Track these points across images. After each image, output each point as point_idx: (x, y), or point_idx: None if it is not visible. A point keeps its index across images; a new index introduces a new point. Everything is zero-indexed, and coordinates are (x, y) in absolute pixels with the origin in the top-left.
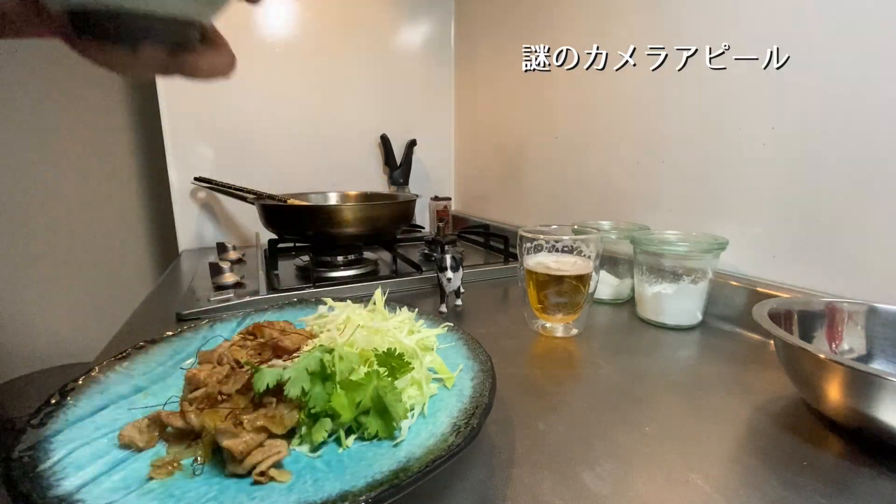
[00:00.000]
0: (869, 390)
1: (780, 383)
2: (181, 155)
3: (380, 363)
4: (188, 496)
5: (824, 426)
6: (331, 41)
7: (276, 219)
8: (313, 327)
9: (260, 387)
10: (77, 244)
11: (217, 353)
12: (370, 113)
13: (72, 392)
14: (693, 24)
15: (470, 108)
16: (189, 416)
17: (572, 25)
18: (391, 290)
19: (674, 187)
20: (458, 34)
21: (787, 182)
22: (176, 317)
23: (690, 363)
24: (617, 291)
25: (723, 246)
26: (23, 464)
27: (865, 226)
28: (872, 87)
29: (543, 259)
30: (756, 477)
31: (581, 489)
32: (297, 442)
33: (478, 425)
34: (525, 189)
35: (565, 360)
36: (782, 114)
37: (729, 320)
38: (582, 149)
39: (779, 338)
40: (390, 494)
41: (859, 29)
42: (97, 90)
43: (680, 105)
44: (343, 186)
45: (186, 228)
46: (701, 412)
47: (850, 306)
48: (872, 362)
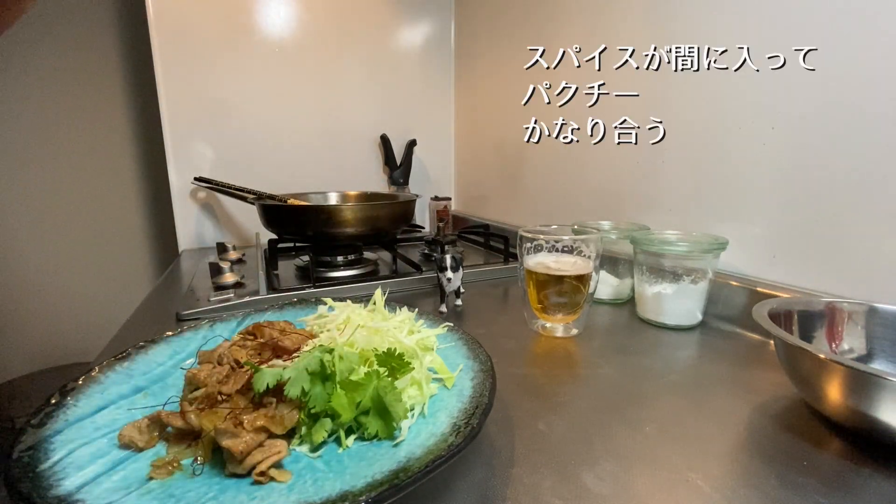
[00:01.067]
0: (869, 390)
1: (780, 383)
2: (181, 155)
3: (380, 363)
4: (188, 496)
5: (824, 426)
6: (331, 41)
7: (276, 219)
8: (313, 327)
9: (260, 387)
10: (77, 244)
11: (217, 353)
12: (370, 113)
13: (72, 392)
14: (693, 23)
15: (470, 108)
16: (189, 416)
17: (572, 25)
18: (391, 290)
19: (674, 187)
20: (458, 34)
21: (787, 182)
22: (176, 317)
23: (690, 363)
24: (617, 291)
25: (723, 246)
26: (23, 464)
27: (865, 226)
28: (872, 86)
29: (543, 259)
30: (756, 477)
31: (581, 489)
32: (297, 442)
33: (478, 425)
34: (525, 189)
35: (565, 360)
36: (782, 114)
37: (729, 320)
38: (582, 149)
39: (779, 338)
40: (390, 494)
41: (859, 29)
42: (97, 90)
43: (680, 105)
44: (343, 186)
45: (186, 228)
46: (701, 412)
47: (850, 306)
48: (872, 362)
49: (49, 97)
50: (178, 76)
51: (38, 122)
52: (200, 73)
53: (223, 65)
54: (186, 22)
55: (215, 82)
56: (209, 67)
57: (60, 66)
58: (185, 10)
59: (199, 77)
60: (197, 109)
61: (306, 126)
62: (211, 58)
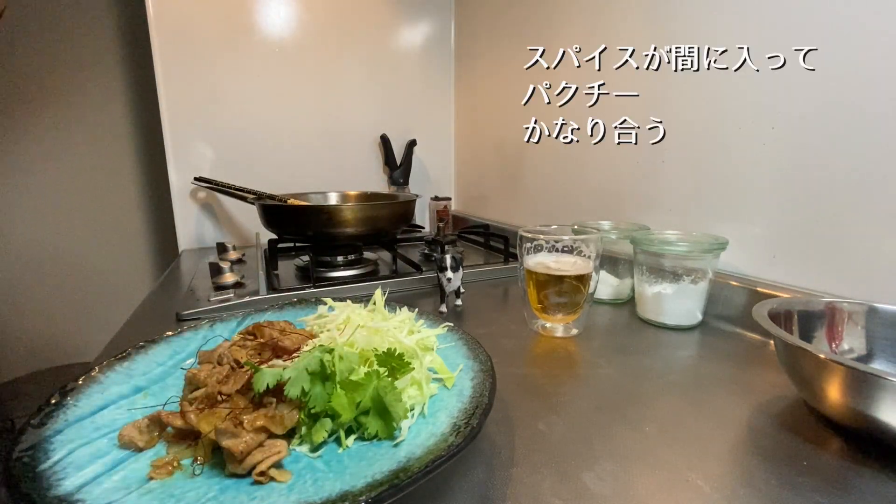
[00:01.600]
0: (869, 390)
1: (780, 383)
2: (181, 155)
3: (380, 363)
4: (188, 496)
5: (824, 426)
6: (331, 41)
7: (276, 219)
8: (313, 327)
9: (260, 387)
10: (77, 244)
11: (217, 353)
12: (370, 113)
13: (72, 392)
14: (693, 23)
15: (470, 108)
16: (189, 416)
17: (572, 25)
18: (391, 290)
19: (674, 187)
20: (458, 34)
21: (787, 182)
22: (176, 317)
23: (690, 363)
24: (617, 291)
25: (723, 246)
26: (23, 464)
27: (865, 226)
28: (872, 86)
29: (543, 259)
30: (756, 477)
31: (581, 489)
32: (297, 442)
33: (478, 425)
34: (525, 189)
35: (565, 360)
36: (782, 114)
37: (729, 320)
38: (582, 149)
39: (779, 338)
40: (390, 494)
41: (859, 29)
42: (97, 90)
43: (680, 105)
44: (343, 186)
45: (186, 228)
46: (701, 412)
47: (850, 306)
48: (872, 362)
49: (49, 97)
50: (178, 76)
51: (37, 123)
52: (200, 73)
53: (223, 65)
54: (186, 22)
55: (215, 82)
56: (209, 67)
57: (60, 66)
58: (186, 9)
59: (199, 77)
60: (197, 109)
61: (306, 126)
62: (211, 58)
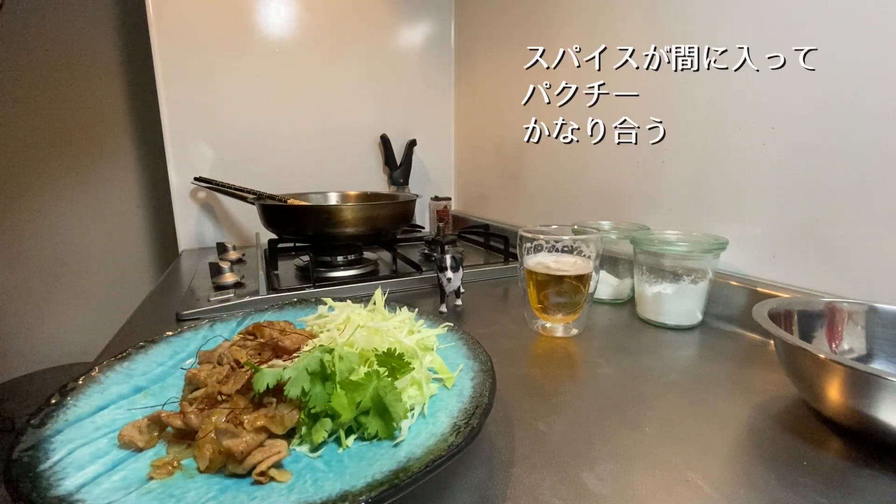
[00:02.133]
0: (869, 390)
1: (780, 383)
2: (181, 155)
3: (380, 363)
4: (188, 496)
5: (824, 426)
6: (331, 41)
7: (275, 219)
8: (313, 327)
9: (260, 387)
10: (77, 244)
11: (217, 353)
12: (370, 113)
13: (72, 392)
14: (693, 23)
15: (470, 108)
16: (189, 416)
17: (572, 25)
18: (391, 290)
19: (674, 187)
20: (458, 34)
21: (787, 182)
22: (176, 317)
23: (690, 363)
24: (617, 291)
25: (723, 246)
26: (23, 464)
27: (865, 226)
28: (872, 86)
29: (543, 259)
30: (756, 477)
31: (581, 489)
32: (297, 442)
33: (478, 425)
34: (525, 189)
35: (565, 360)
36: (782, 114)
37: (729, 320)
38: (582, 149)
39: (779, 338)
40: (390, 494)
41: (859, 29)
42: (97, 90)
43: (680, 105)
44: (343, 186)
45: (186, 228)
46: (701, 412)
47: (850, 306)
48: (872, 362)
49: (49, 97)
50: (178, 76)
51: (38, 123)
52: (200, 73)
53: (223, 65)
54: (186, 22)
55: (215, 82)
56: (209, 68)
57: (60, 66)
58: (186, 10)
59: (199, 77)
60: (197, 109)
61: (306, 126)
62: (211, 58)
